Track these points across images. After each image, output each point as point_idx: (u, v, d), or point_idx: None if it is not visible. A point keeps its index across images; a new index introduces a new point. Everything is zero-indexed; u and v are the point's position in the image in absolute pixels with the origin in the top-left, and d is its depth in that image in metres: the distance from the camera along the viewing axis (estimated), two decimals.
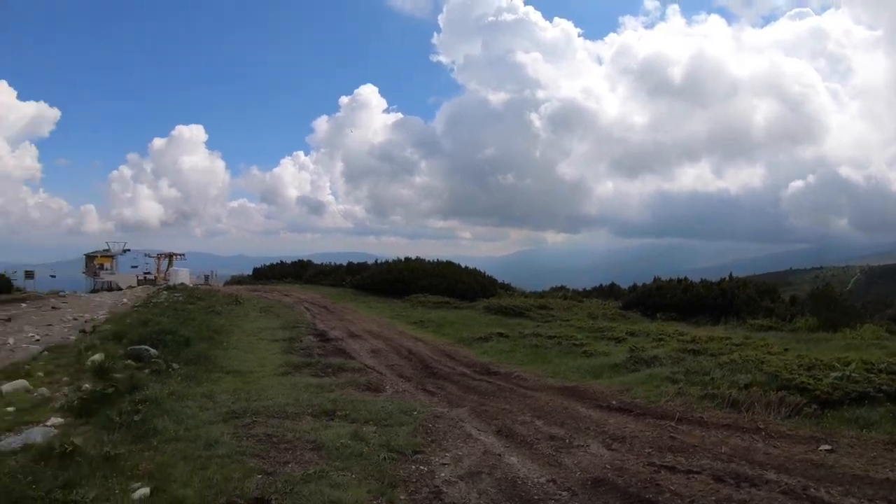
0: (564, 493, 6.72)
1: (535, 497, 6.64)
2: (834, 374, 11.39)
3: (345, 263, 50.84)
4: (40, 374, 13.08)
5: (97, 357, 13.86)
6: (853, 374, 11.26)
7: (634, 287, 38.08)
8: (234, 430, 8.82)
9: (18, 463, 7.00)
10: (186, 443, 8.06)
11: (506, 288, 41.91)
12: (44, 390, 11.48)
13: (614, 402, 11.26)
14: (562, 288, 43.62)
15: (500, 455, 8.03)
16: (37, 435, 8.13)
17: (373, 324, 24.70)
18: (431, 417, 9.97)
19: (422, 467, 7.49)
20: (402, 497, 6.55)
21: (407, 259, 44.03)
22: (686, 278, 35.04)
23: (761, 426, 9.58)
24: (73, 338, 18.93)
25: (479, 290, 37.22)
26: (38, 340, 18.56)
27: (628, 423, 9.93)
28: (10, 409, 10.10)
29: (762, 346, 16.47)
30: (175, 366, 13.59)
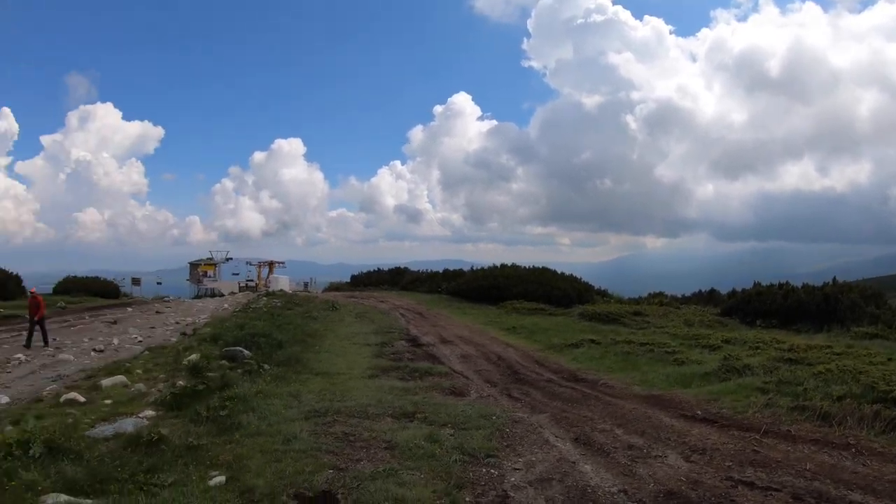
0: None
1: None
2: None
3: (440, 270, 51.07)
4: (139, 371, 13.87)
5: (193, 357, 14.46)
6: None
7: (733, 293, 37.07)
8: (314, 428, 9.11)
9: (108, 448, 7.64)
10: (266, 437, 8.47)
11: (602, 294, 41.55)
12: (140, 386, 12.21)
13: (699, 412, 10.96)
14: (659, 294, 42.96)
15: (574, 462, 7.93)
16: (128, 425, 8.75)
17: (465, 329, 24.77)
18: (510, 422, 9.96)
19: (492, 471, 7.47)
20: (466, 498, 6.57)
21: (503, 265, 44.00)
22: (788, 283, 33.86)
23: (852, 442, 9.02)
24: (173, 339, 19.69)
25: (574, 296, 36.92)
26: (140, 341, 19.39)
27: (711, 434, 9.60)
28: (108, 401, 10.89)
29: (864, 356, 15.73)
30: (266, 366, 14.09)
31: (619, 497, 6.74)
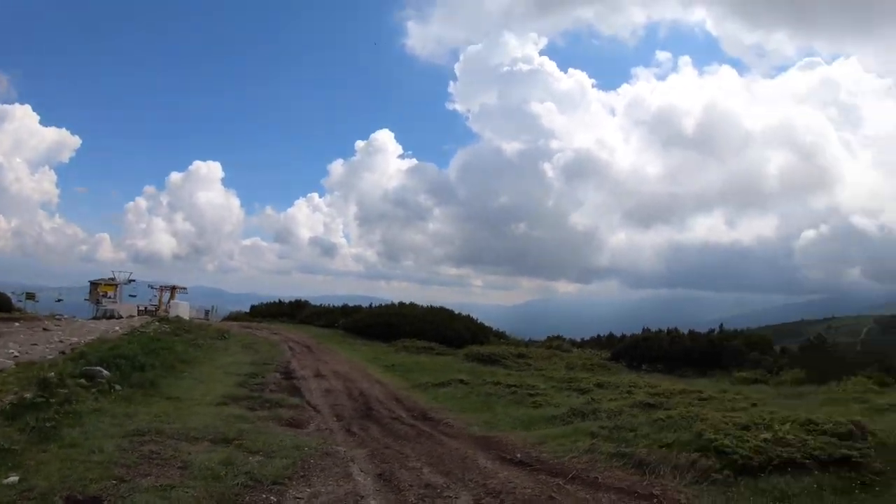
0: None
1: None
2: (763, 436, 10.65)
3: (345, 305, 51.00)
4: None
5: (50, 373, 14.32)
6: (787, 437, 10.58)
7: (622, 338, 37.97)
8: (125, 445, 9.21)
9: None
10: (77, 449, 8.63)
11: (499, 336, 41.78)
12: None
13: (519, 455, 10.95)
14: (557, 337, 43.63)
15: (362, 497, 8.06)
16: None
17: (345, 365, 24.76)
18: (321, 454, 10.05)
19: (272, 497, 7.63)
20: None
21: (400, 304, 44.23)
22: (676, 329, 34.89)
23: (657, 492, 8.99)
24: (50, 357, 19.34)
25: (468, 336, 37.03)
26: (15, 356, 18.97)
27: (518, 477, 9.50)
28: None
29: (730, 401, 16.49)
30: (118, 387, 14.02)
31: None
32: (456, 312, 42.69)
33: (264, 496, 7.63)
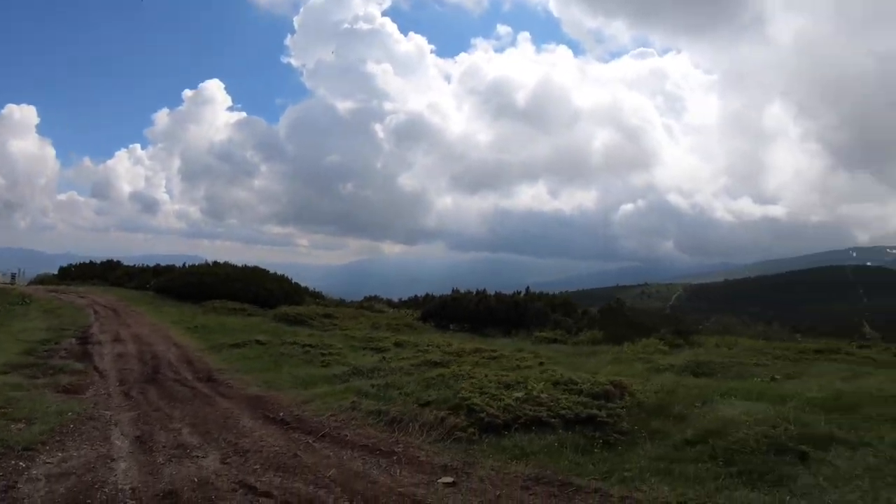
0: (130, 503, 6.90)
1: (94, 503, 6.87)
2: (517, 395, 11.08)
3: (167, 265, 49.29)
4: None
5: None
6: (541, 396, 11.01)
7: (431, 298, 38.97)
8: None
9: None
10: None
11: (315, 296, 42.18)
12: None
13: (282, 414, 11.24)
14: (375, 298, 44.52)
15: (113, 460, 8.22)
16: None
17: (147, 328, 24.45)
18: (83, 419, 10.25)
19: (21, 463, 7.80)
20: None
21: (215, 263, 43.84)
22: (484, 290, 36.13)
23: (399, 449, 9.33)
24: None
25: (281, 297, 37.07)
26: None
27: (272, 436, 9.89)
28: None
29: (517, 360, 17.32)
30: None
31: (120, 495, 7.08)
32: (272, 272, 42.68)
33: (13, 462, 7.82)
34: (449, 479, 8.02)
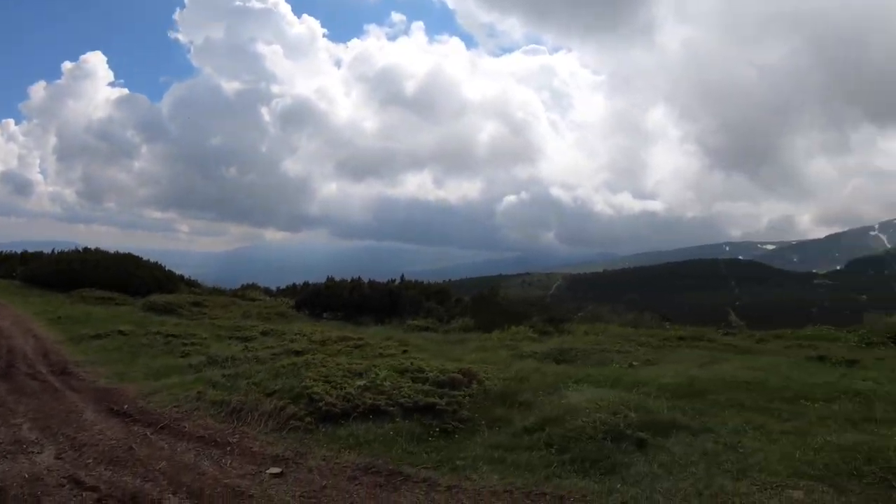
0: None
1: None
2: (360, 383, 10.96)
3: (26, 252, 47.41)
4: None
5: None
6: (384, 384, 10.92)
7: (306, 286, 38.73)
8: None
9: None
10: None
11: (190, 284, 41.22)
12: None
13: (126, 407, 10.97)
14: (252, 286, 43.83)
15: None
16: None
17: (8, 321, 23.32)
18: None
19: None
20: None
21: (85, 249, 42.14)
22: (359, 278, 36.07)
23: (234, 440, 9.28)
24: None
25: (153, 285, 35.91)
26: None
27: (112, 429, 9.66)
28: None
29: (380, 348, 16.95)
30: None
31: None
32: (144, 260, 41.41)
33: None
34: (277, 470, 8.00)
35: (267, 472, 7.97)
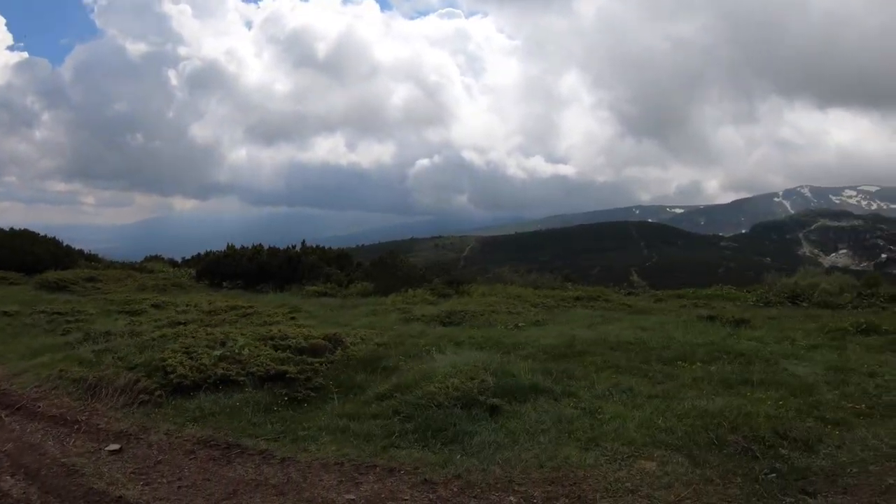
0: None
1: None
2: (217, 353, 10.70)
3: None
4: None
5: None
6: (241, 352, 10.70)
7: (206, 255, 38.35)
8: None
9: None
10: None
11: (91, 259, 40.32)
12: None
13: None
14: (156, 258, 43.31)
15: None
16: None
17: None
18: None
19: None
20: None
21: None
22: (260, 245, 35.71)
23: (83, 418, 8.99)
24: None
25: (49, 262, 34.63)
26: None
27: None
28: None
29: (269, 315, 17.06)
30: None
31: None
32: (41, 235, 40.19)
33: None
34: (116, 447, 7.84)
35: (105, 449, 7.81)
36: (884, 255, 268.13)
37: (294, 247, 35.73)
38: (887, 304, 22.76)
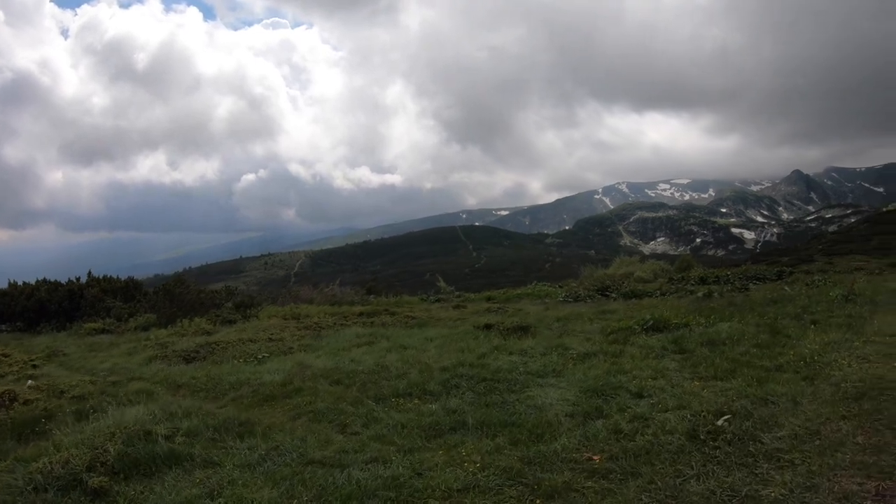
0: None
1: None
2: None
3: None
4: None
5: None
6: None
7: None
8: None
9: None
10: None
11: None
12: None
13: None
14: None
15: None
16: None
17: None
18: None
19: None
20: None
21: None
22: (45, 279, 33.60)
23: None
24: None
25: None
26: None
27: None
28: None
29: (11, 365, 15.55)
30: None
31: None
32: None
33: None
34: None
35: None
36: (698, 240, 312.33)
37: (78, 279, 33.70)
38: (696, 287, 24.43)
